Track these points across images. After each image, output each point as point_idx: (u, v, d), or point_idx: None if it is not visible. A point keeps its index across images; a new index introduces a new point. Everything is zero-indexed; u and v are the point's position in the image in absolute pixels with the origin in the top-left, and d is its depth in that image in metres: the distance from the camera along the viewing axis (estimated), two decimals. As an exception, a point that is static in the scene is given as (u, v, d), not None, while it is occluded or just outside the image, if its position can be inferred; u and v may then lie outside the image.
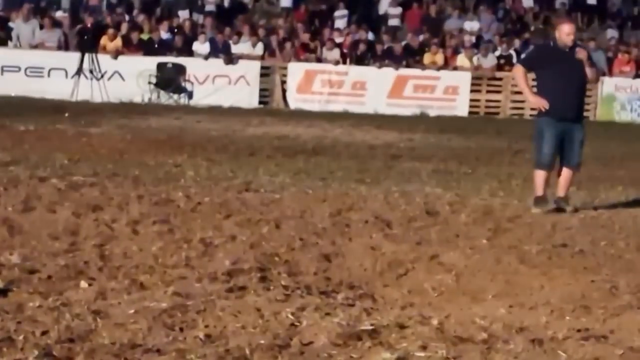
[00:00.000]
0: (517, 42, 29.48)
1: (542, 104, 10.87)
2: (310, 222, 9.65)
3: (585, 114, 27.70)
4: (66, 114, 20.38)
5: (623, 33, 32.97)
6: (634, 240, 9.45)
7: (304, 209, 10.38)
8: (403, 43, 28.50)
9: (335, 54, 27.59)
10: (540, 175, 11.00)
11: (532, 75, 11.54)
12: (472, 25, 31.12)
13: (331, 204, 10.80)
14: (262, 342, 5.67)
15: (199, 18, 30.01)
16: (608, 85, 27.50)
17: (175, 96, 26.27)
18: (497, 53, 28.69)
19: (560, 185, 11.18)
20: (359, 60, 27.58)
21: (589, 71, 11.09)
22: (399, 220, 9.94)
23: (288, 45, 27.84)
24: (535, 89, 11.51)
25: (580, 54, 10.99)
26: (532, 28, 32.88)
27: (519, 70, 11.35)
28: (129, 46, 27.00)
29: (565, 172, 11.11)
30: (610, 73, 27.93)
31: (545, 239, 9.34)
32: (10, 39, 27.08)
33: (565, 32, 10.97)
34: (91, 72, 25.23)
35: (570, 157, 11.05)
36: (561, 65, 10.91)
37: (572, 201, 11.34)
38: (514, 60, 28.22)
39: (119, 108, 23.53)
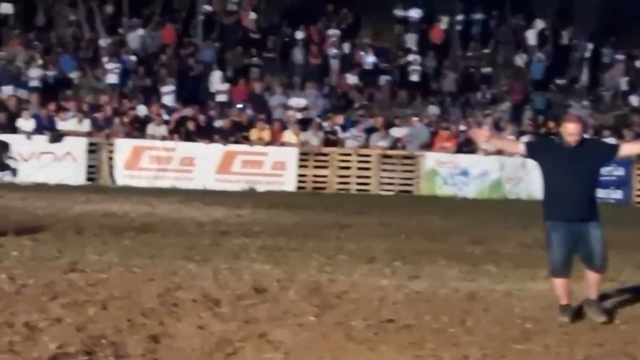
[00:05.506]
0: (342, 119, 30.05)
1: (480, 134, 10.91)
2: (138, 302, 9.56)
3: (408, 188, 28.50)
4: None
5: (444, 109, 34.06)
6: (456, 315, 9.71)
7: (132, 288, 10.26)
8: (231, 119, 28.70)
9: (163, 129, 27.54)
10: (556, 283, 9.96)
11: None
12: (298, 101, 31.62)
13: (159, 282, 10.72)
14: None
15: (23, 94, 29.51)
16: (430, 160, 28.23)
17: (0, 174, 25.73)
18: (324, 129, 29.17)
19: (587, 289, 10.09)
20: (187, 136, 27.59)
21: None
22: (227, 299, 9.95)
23: (116, 121, 27.64)
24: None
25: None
26: (357, 105, 33.62)
27: (517, 143, 11.25)
28: (-49, 124, 26.38)
29: (590, 276, 10.01)
30: (432, 148, 28.71)
31: (371, 315, 9.50)
32: None
33: (567, 132, 9.82)
34: None
35: (590, 259, 9.93)
36: (563, 163, 9.84)
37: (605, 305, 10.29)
38: (340, 135, 28.84)
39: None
